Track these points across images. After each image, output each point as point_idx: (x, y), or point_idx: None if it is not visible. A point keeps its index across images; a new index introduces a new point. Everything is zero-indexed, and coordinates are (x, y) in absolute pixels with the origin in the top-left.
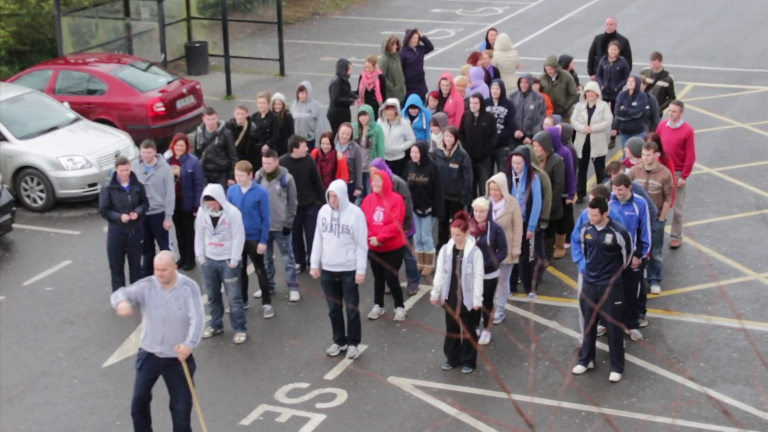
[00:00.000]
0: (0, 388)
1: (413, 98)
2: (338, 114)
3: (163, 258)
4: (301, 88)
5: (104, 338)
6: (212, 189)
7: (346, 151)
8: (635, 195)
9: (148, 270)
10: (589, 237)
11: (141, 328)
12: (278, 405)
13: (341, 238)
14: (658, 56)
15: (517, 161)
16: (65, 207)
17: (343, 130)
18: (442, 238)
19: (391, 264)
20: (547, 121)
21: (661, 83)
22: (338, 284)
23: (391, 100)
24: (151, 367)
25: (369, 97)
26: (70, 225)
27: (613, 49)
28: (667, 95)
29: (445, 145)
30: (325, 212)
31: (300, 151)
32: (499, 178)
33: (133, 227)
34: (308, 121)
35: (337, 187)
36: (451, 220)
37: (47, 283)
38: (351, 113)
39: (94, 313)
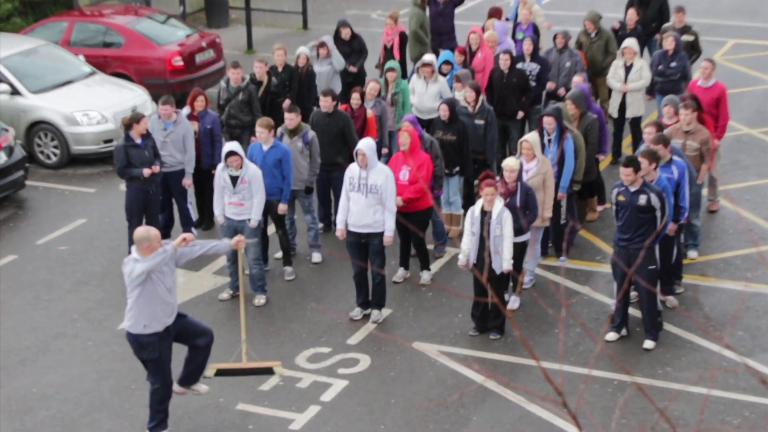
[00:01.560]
0: (12, 349)
1: (446, 54)
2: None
3: (156, 230)
4: (322, 44)
5: (120, 300)
6: (234, 145)
7: (373, 108)
8: (674, 157)
9: (165, 229)
10: (621, 198)
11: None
12: (299, 370)
13: (369, 198)
14: (681, 9)
15: (548, 122)
16: (80, 164)
17: (372, 86)
18: (468, 198)
19: (417, 225)
20: (577, 79)
21: (686, 37)
22: (364, 246)
23: (427, 57)
24: (167, 342)
25: (390, 55)
26: (85, 182)
27: (631, 15)
28: (693, 49)
29: (467, 102)
30: (352, 171)
31: (330, 105)
32: (531, 137)
33: (154, 183)
34: (329, 75)
35: (366, 145)
36: (477, 181)
37: (61, 243)
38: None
39: (109, 273)
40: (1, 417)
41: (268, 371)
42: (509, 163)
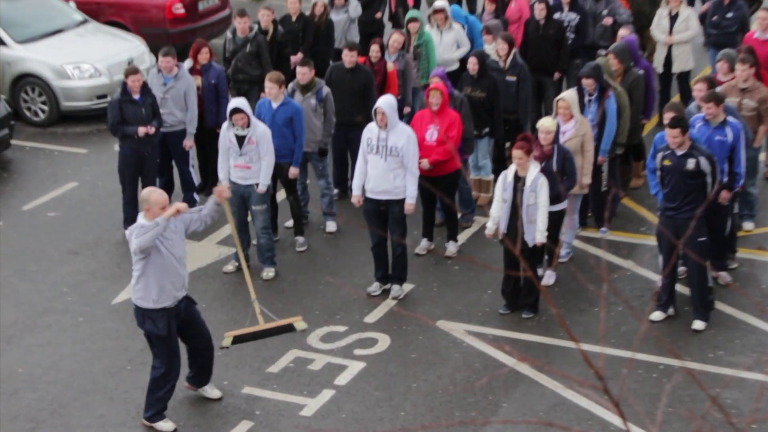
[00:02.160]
0: None
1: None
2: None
3: (163, 193)
4: None
5: (114, 271)
6: (240, 102)
7: (396, 61)
8: (728, 118)
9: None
10: (667, 163)
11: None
12: (311, 350)
13: (389, 161)
14: None
15: (588, 83)
16: (71, 121)
17: (395, 37)
18: (499, 162)
19: (443, 191)
20: (622, 32)
21: None
22: (383, 214)
23: (439, 3)
24: (176, 319)
25: (402, 3)
26: (77, 142)
27: None
28: None
29: (499, 56)
30: (370, 131)
31: (355, 60)
32: (569, 95)
33: (149, 144)
34: (345, 25)
35: (386, 102)
36: (509, 144)
37: (50, 208)
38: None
39: (102, 242)
40: None
41: (289, 329)
42: (545, 123)
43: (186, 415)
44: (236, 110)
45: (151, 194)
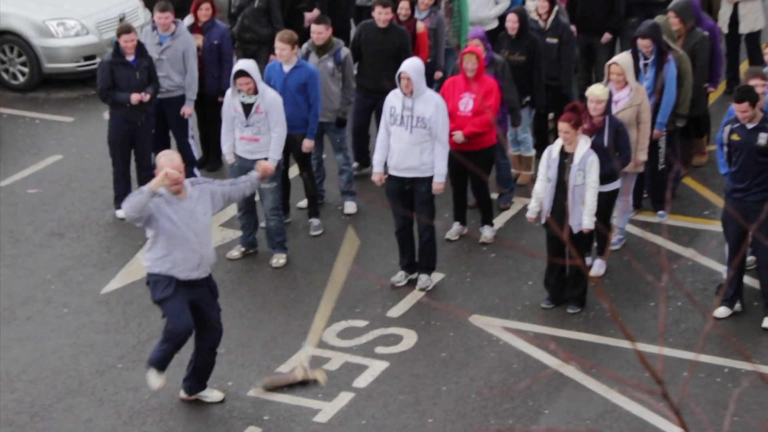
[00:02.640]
0: None
1: None
2: None
3: (175, 159)
4: None
5: (103, 257)
6: (245, 64)
7: (426, 19)
8: None
9: None
10: (735, 137)
11: (148, 248)
12: (327, 348)
13: (415, 133)
14: None
15: (644, 44)
16: (54, 86)
17: None
18: (540, 135)
19: (479, 168)
20: None
21: None
22: (408, 194)
23: None
24: (185, 291)
25: None
26: (61, 109)
27: None
28: None
29: (539, 14)
30: (394, 99)
31: (389, 18)
32: (623, 59)
33: (143, 113)
34: None
35: (412, 66)
36: (552, 115)
37: (31, 185)
38: None
39: (90, 223)
40: None
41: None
42: (595, 91)
43: (185, 419)
44: (241, 73)
45: (161, 158)
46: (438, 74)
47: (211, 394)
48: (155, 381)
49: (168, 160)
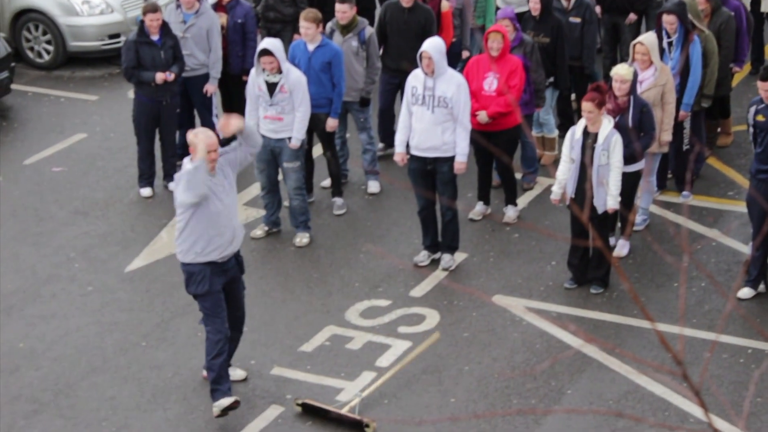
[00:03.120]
0: None
1: None
2: None
3: (212, 136)
4: None
5: (127, 235)
6: (270, 42)
7: None
8: None
9: (185, 149)
10: (761, 118)
11: (173, 224)
12: (350, 327)
13: (436, 113)
14: None
15: (669, 21)
16: (79, 64)
17: None
18: (564, 116)
19: (502, 148)
20: None
21: None
22: (431, 174)
23: None
24: (219, 278)
25: None
26: (86, 87)
27: None
28: None
29: None
30: (415, 79)
31: None
32: (648, 38)
33: (168, 93)
34: None
35: (433, 46)
36: (574, 95)
37: (55, 162)
38: None
39: (115, 202)
40: None
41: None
42: (620, 71)
43: (208, 397)
44: (265, 52)
45: (198, 134)
46: (465, 53)
47: (234, 373)
48: (223, 402)
49: (206, 137)
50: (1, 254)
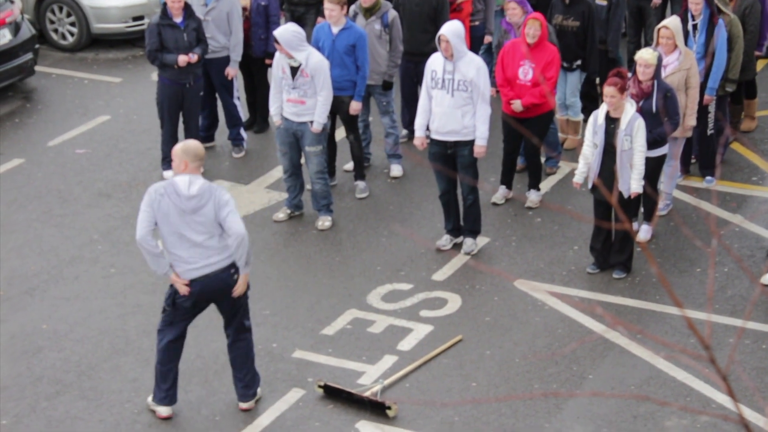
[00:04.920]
0: (17, 276)
1: None
2: None
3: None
4: None
5: None
6: (278, 31)
7: None
8: None
9: (208, 131)
10: None
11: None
12: (372, 311)
13: (456, 97)
14: None
15: (695, 2)
16: (103, 46)
17: None
18: (589, 99)
19: (534, 133)
20: None
21: None
22: (451, 158)
23: None
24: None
25: None
26: (109, 70)
27: None
28: None
29: None
30: (435, 63)
31: None
32: (672, 22)
33: (191, 75)
34: None
35: (452, 30)
36: (599, 79)
37: (79, 144)
38: None
39: (138, 184)
40: (3, 358)
41: (380, 408)
42: (644, 55)
43: (229, 380)
44: (275, 39)
45: (188, 147)
46: (488, 38)
47: (243, 404)
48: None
49: (199, 149)
50: (25, 236)
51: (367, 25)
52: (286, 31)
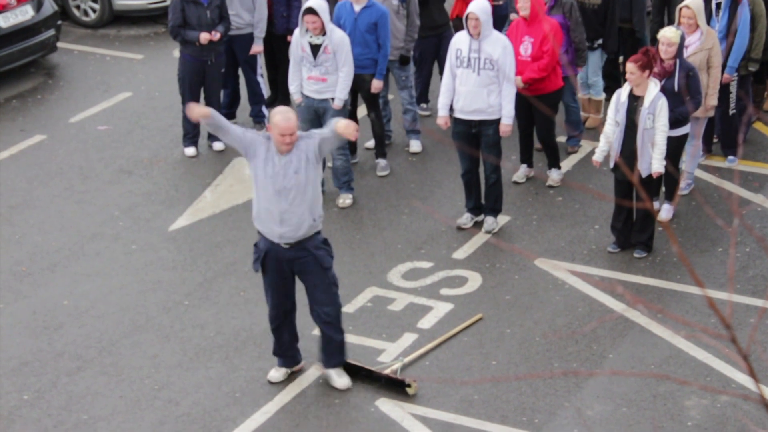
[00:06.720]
0: (39, 252)
1: None
2: None
3: (291, 119)
4: None
5: (171, 194)
6: (316, 2)
7: None
8: None
9: (230, 108)
10: None
11: (218, 183)
12: (392, 289)
13: (482, 75)
14: None
15: None
16: (125, 23)
17: None
18: (611, 78)
19: (541, 114)
20: None
21: None
22: (475, 137)
23: None
24: (275, 264)
25: None
26: (131, 46)
27: None
28: None
29: None
30: (460, 41)
31: None
32: (694, 2)
33: (213, 52)
34: None
35: (479, 7)
36: (623, 58)
37: (100, 121)
38: None
39: (159, 161)
40: (25, 333)
41: (400, 385)
42: (667, 34)
43: (249, 357)
44: (310, 11)
45: (274, 115)
46: (512, 16)
47: (338, 380)
48: (273, 374)
49: (283, 119)
50: (47, 212)
51: (384, 0)
52: (323, 3)
